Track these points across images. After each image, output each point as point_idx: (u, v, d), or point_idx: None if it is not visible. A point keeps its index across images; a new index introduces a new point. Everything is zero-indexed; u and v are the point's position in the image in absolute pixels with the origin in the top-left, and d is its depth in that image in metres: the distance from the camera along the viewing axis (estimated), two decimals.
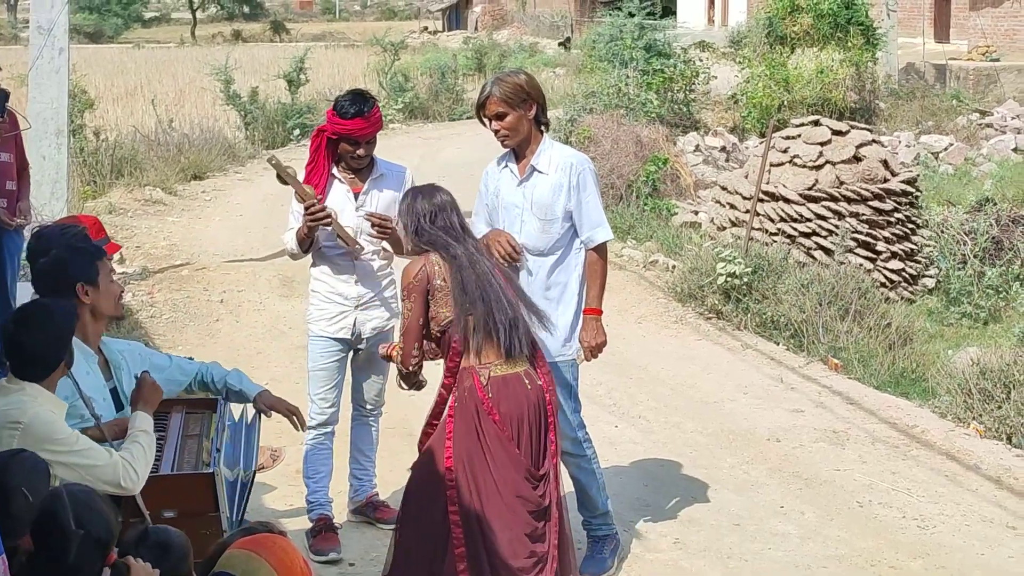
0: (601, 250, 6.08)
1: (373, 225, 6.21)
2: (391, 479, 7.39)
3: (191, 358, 5.84)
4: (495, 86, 5.93)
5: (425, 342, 5.53)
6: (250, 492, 5.06)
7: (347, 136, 6.24)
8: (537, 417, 5.35)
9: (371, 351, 6.57)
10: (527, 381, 5.36)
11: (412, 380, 5.69)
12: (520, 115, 5.93)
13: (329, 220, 6.21)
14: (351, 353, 6.60)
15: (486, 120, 6.01)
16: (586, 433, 6.26)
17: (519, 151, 6.04)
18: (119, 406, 5.02)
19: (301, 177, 6.32)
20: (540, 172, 6.00)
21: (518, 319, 5.39)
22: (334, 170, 6.39)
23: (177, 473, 4.77)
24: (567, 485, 6.05)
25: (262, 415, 5.55)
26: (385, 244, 6.40)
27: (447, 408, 5.40)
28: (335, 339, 6.48)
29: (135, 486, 4.32)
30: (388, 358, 5.98)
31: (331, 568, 6.27)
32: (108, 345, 5.16)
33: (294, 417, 5.66)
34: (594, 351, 6.13)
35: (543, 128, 6.06)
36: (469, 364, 5.33)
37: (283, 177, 6.26)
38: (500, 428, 5.26)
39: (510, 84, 5.91)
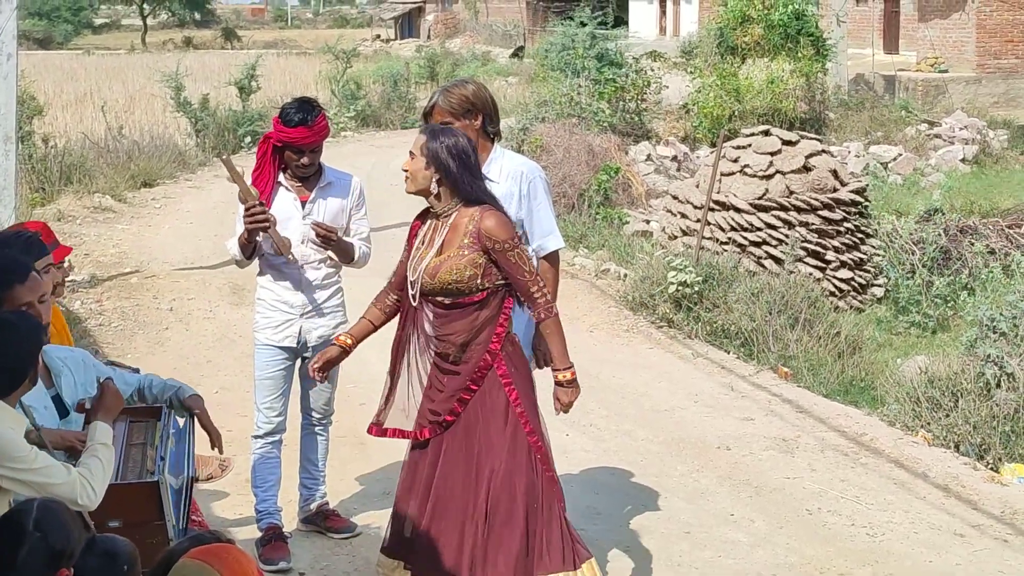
0: (553, 258, 6.07)
1: (317, 235, 6.19)
2: (342, 488, 7.37)
3: (137, 369, 5.78)
4: (441, 96, 5.93)
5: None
6: (189, 499, 4.99)
7: (291, 144, 6.22)
8: None
9: None
10: None
11: None
12: (466, 125, 5.92)
13: (267, 224, 6.16)
14: (298, 361, 6.57)
15: None
16: None
17: None
18: (63, 413, 4.95)
19: (249, 181, 6.29)
20: (491, 181, 5.97)
21: None
22: (281, 178, 6.36)
23: (121, 483, 4.71)
24: None
25: (195, 421, 5.45)
26: (331, 252, 6.37)
27: (495, 366, 5.35)
28: (280, 347, 6.44)
29: (92, 504, 4.25)
30: None
31: None
32: (48, 352, 5.07)
33: (215, 440, 5.53)
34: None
35: (494, 137, 6.05)
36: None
37: (232, 175, 6.23)
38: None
39: (456, 95, 5.91)
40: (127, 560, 3.73)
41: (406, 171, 5.38)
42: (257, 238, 6.27)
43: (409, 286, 5.34)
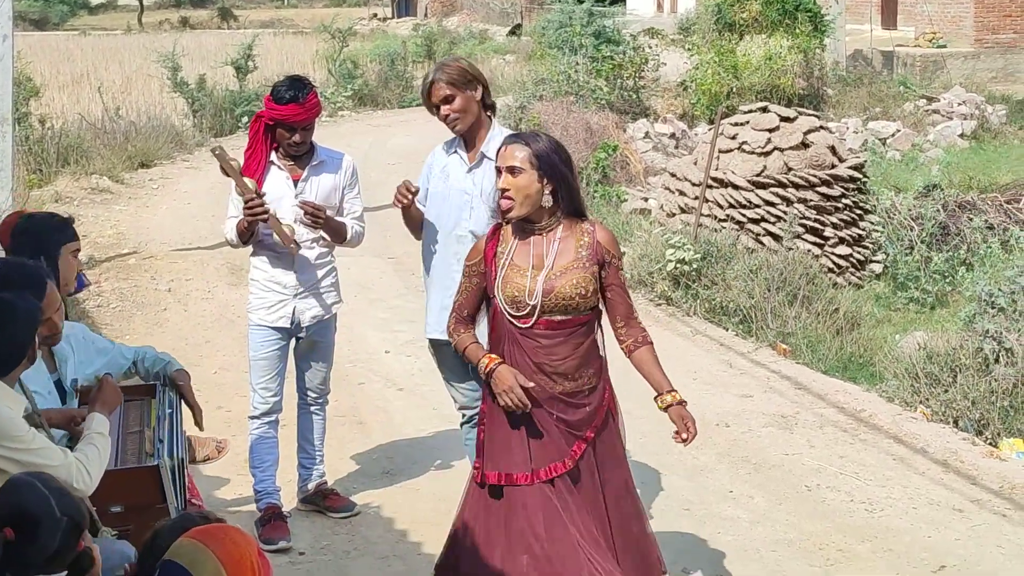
0: None
1: (306, 213, 6.19)
2: (340, 467, 7.38)
3: None
4: (438, 72, 5.91)
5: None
6: (184, 480, 4.97)
7: (282, 122, 6.21)
8: None
9: (312, 340, 6.54)
10: None
11: None
12: (468, 96, 5.91)
13: (267, 216, 6.16)
14: (293, 342, 6.56)
15: (434, 108, 5.96)
16: None
17: (468, 138, 6.01)
18: (64, 398, 4.94)
19: (241, 160, 6.29)
20: (490, 159, 5.95)
21: None
22: (273, 156, 6.35)
23: (121, 468, 4.70)
24: None
25: (183, 402, 5.42)
26: (324, 232, 6.36)
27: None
28: (274, 328, 6.44)
29: (88, 488, 4.24)
30: None
31: (281, 557, 6.24)
32: None
33: (196, 417, 5.52)
34: None
35: (490, 113, 6.03)
36: None
37: (225, 169, 6.22)
38: None
39: (453, 67, 5.91)
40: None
41: (506, 191, 4.76)
42: (258, 227, 6.28)
43: (514, 307, 4.82)
